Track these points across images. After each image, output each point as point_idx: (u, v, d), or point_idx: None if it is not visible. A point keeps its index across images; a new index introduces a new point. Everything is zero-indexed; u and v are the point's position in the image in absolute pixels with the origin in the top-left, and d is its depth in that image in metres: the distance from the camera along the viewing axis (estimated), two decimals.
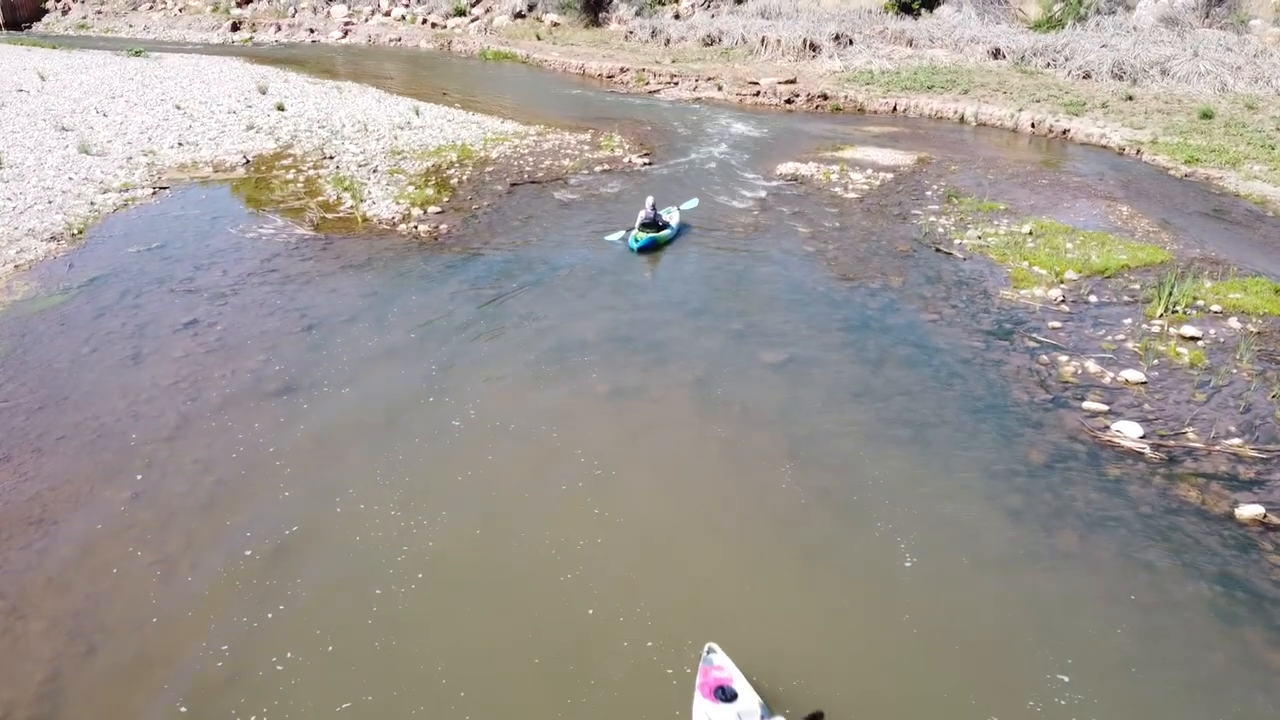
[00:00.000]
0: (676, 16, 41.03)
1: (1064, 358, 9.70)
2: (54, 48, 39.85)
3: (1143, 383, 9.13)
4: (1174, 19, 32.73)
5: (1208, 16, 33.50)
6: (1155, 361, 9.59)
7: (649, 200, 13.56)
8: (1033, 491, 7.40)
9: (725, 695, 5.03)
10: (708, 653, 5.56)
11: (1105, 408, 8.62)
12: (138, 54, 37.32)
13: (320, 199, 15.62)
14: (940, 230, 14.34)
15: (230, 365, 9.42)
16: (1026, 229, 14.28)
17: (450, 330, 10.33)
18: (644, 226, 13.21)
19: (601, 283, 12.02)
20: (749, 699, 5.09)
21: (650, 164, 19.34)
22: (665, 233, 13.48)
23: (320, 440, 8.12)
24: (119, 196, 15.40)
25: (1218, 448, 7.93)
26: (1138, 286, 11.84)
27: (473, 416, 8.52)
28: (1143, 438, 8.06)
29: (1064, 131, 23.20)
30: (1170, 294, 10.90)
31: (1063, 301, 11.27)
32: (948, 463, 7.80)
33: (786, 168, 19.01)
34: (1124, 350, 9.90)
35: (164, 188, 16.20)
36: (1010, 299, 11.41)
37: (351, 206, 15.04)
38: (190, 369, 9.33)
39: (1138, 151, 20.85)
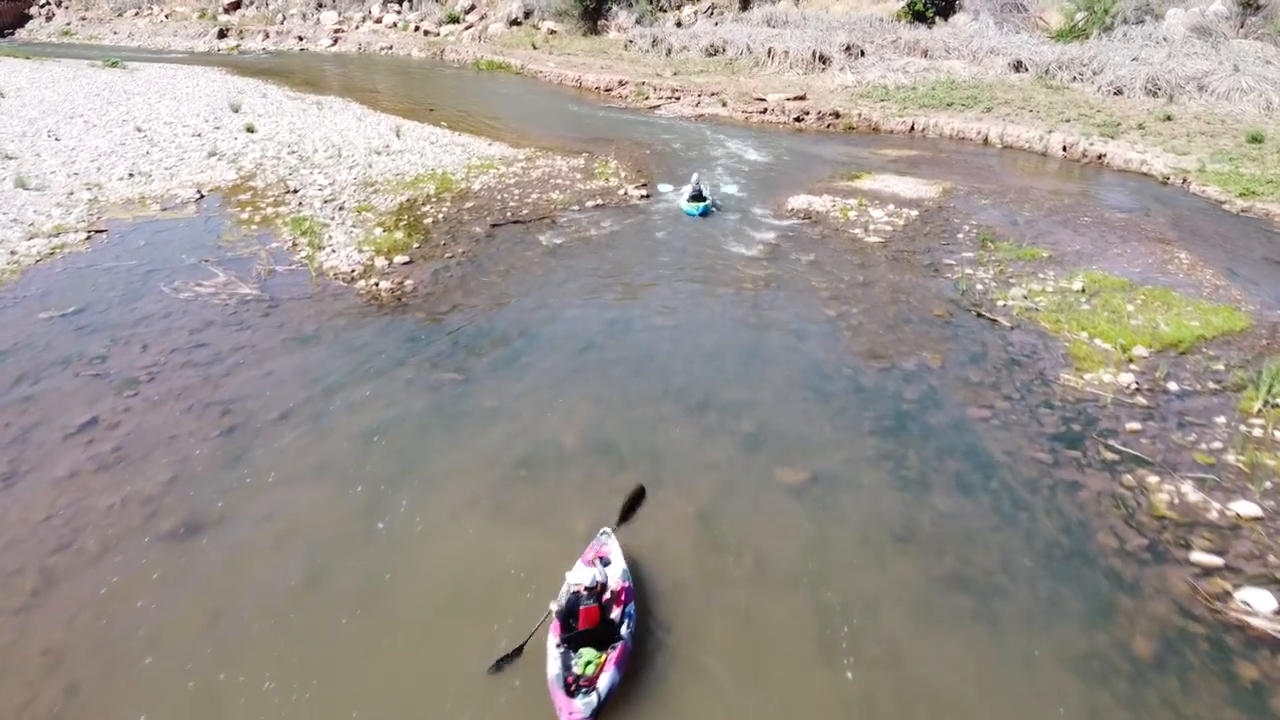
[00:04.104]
0: (679, 24, 39.24)
1: (1153, 478, 7.86)
2: (28, 58, 38.15)
3: (1258, 518, 7.29)
4: (1206, 29, 30.80)
5: (1242, 26, 31.59)
6: (1268, 485, 7.74)
7: (695, 176, 17.04)
8: (1145, 705, 5.56)
9: (602, 562, 6.32)
10: (601, 534, 6.75)
11: (1220, 561, 6.78)
12: (114, 64, 35.65)
13: (273, 245, 13.82)
14: (979, 287, 12.51)
15: (123, 489, 7.62)
16: (1078, 285, 12.44)
17: (400, 435, 8.51)
18: (692, 198, 16.22)
19: (587, 361, 10.21)
20: (618, 565, 6.34)
21: (648, 196, 17.55)
22: (706, 203, 16.22)
23: (216, 613, 6.31)
24: (46, 243, 13.62)
25: None
26: (1222, 367, 10.01)
27: (415, 575, 6.71)
28: (1278, 613, 6.23)
29: (1099, 156, 21.34)
30: (1271, 386, 9.05)
31: (1137, 390, 9.43)
32: (1025, 653, 5.98)
33: (799, 202, 17.20)
34: (1225, 465, 8.06)
35: (101, 231, 14.41)
36: (1074, 386, 9.57)
37: (306, 256, 13.24)
38: (72, 496, 7.53)
39: (1184, 181, 19.00)
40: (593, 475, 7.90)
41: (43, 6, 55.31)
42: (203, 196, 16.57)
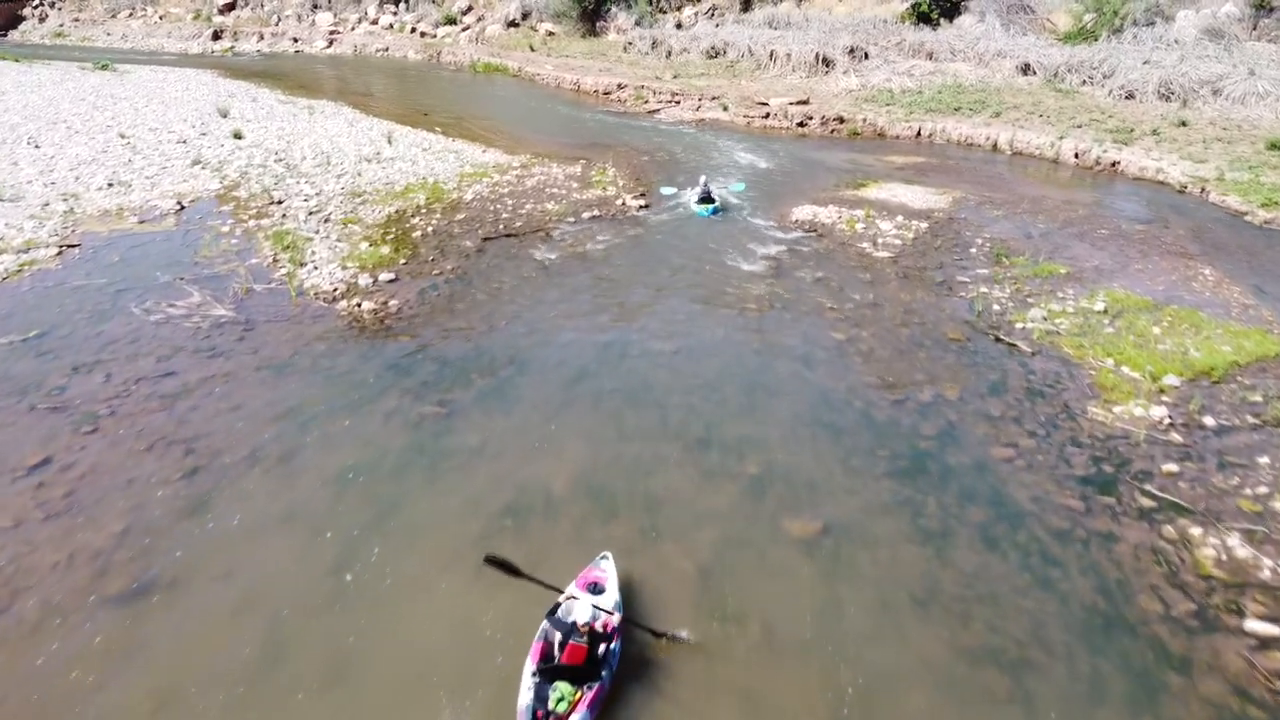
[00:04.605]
0: (679, 26, 38.60)
1: (1195, 529, 7.21)
2: (17, 60, 37.47)
3: None
4: (1218, 31, 30.17)
5: (1255, 28, 30.93)
6: None
7: (702, 178, 17.19)
8: None
9: (594, 589, 6.10)
10: (600, 558, 6.48)
11: (1277, 631, 6.13)
12: (104, 67, 35.00)
13: (253, 262, 13.17)
14: (996, 307, 11.86)
15: (71, 542, 6.98)
16: (1100, 305, 11.79)
17: (376, 478, 7.86)
18: (701, 200, 16.50)
19: (580, 391, 9.55)
20: (611, 596, 6.04)
21: (646, 206, 16.89)
22: (715, 204, 16.48)
23: (164, 688, 5.68)
24: (14, 259, 12.96)
25: None
26: (1259, 398, 9.35)
27: (384, 641, 6.07)
28: None
29: (1113, 164, 20.68)
30: None
31: (1171, 425, 8.78)
32: None
33: (803, 212, 16.55)
34: (1273, 514, 7.41)
35: (74, 245, 13.76)
36: (1103, 421, 8.91)
37: (287, 274, 12.60)
38: (15, 550, 6.89)
39: (1202, 190, 18.34)
40: (583, 527, 7.24)
41: (36, 7, 54.71)
42: (183, 208, 15.92)
